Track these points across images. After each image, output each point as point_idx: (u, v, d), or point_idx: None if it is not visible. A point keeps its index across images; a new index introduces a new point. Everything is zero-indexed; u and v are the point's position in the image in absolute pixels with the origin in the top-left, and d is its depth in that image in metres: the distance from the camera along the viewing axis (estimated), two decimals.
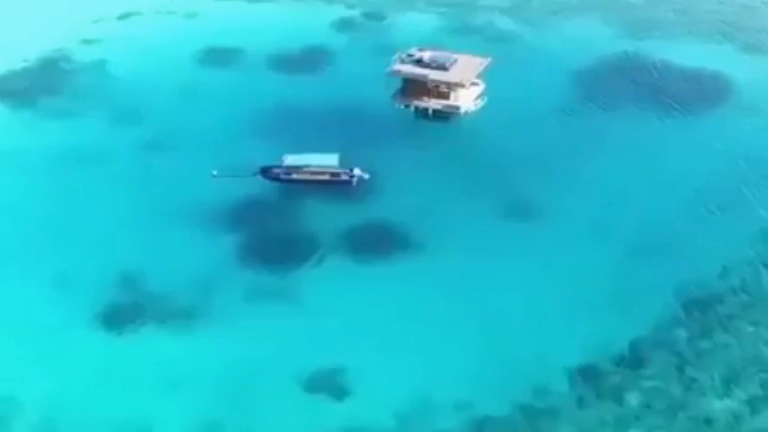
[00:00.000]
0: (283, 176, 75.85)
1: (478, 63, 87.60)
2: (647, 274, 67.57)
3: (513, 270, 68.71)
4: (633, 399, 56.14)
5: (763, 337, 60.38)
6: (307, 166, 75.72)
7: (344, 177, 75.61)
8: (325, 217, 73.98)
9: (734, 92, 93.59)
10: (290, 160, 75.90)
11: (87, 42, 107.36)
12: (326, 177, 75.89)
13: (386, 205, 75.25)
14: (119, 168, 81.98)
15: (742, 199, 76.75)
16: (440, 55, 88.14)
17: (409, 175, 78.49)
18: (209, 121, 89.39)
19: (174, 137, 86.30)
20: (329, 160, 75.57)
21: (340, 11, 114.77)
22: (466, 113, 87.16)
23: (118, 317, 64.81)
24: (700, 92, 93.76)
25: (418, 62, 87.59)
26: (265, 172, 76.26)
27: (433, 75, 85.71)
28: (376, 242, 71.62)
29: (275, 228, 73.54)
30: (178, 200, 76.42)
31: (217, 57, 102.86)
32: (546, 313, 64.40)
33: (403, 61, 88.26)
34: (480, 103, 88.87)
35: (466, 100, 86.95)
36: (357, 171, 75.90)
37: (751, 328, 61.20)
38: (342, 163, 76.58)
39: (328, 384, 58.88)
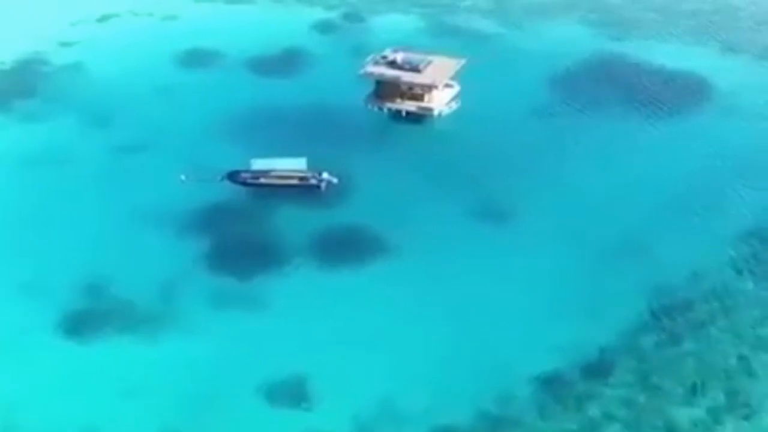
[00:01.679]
0: (250, 181, 74.20)
1: (453, 64, 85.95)
2: (619, 278, 65.84)
3: (483, 274, 67.05)
4: (596, 409, 54.51)
5: (731, 345, 58.63)
6: (275, 170, 73.92)
7: (312, 181, 73.95)
8: (292, 222, 72.40)
9: (714, 93, 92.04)
10: (258, 164, 74.26)
11: (64, 44, 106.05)
12: (294, 181, 74.17)
13: (355, 209, 73.67)
14: (89, 171, 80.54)
15: (720, 201, 74.98)
16: (414, 56, 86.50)
17: (380, 178, 76.87)
18: (183, 123, 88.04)
19: (147, 140, 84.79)
20: (297, 164, 73.99)
21: (319, 13, 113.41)
22: (439, 115, 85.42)
23: (80, 322, 63.27)
24: (680, 93, 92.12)
25: (392, 64, 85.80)
26: (233, 176, 74.58)
27: (406, 77, 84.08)
28: (344, 247, 70.09)
29: (242, 233, 71.97)
30: (147, 204, 74.79)
31: (195, 59, 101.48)
32: (514, 317, 62.74)
33: (376, 63, 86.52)
34: (455, 104, 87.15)
35: (440, 101, 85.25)
36: (325, 175, 74.26)
37: (719, 335, 59.57)
38: (311, 166, 74.82)
39: (291, 391, 57.28)
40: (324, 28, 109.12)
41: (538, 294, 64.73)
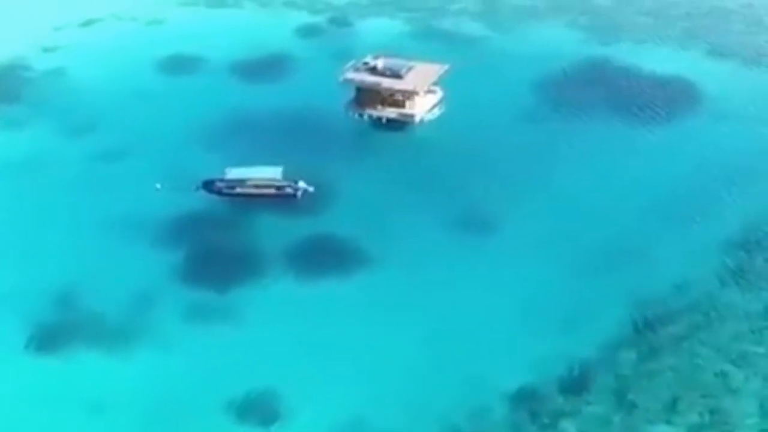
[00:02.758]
0: (225, 190, 72.71)
1: (435, 70, 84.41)
2: (601, 288, 64.10)
3: (462, 285, 65.22)
4: (572, 426, 52.86)
5: (712, 360, 56.92)
6: (250, 179, 72.47)
7: (288, 190, 72.43)
8: (268, 232, 70.86)
9: (705, 97, 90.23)
10: (232, 173, 72.79)
11: (47, 50, 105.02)
12: (270, 191, 72.67)
13: (333, 219, 72.11)
14: (65, 178, 79.01)
15: (709, 208, 73.05)
16: (395, 62, 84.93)
17: (358, 187, 75.34)
18: (163, 130, 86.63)
19: (126, 147, 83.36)
20: (272, 172, 72.51)
21: (304, 17, 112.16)
22: (421, 122, 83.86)
23: (49, 335, 61.60)
24: (670, 98, 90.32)
25: (372, 70, 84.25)
26: (208, 185, 73.12)
27: (386, 83, 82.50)
28: (320, 258, 68.51)
29: (217, 244, 70.41)
30: (122, 213, 73.18)
31: (177, 64, 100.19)
32: (492, 330, 60.94)
33: (357, 69, 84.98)
34: (438, 111, 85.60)
35: (422, 108, 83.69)
36: (301, 184, 72.78)
37: (701, 350, 57.79)
38: (288, 175, 73.35)
39: (263, 408, 55.69)
40: (309, 32, 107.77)
41: (518, 306, 63.01)
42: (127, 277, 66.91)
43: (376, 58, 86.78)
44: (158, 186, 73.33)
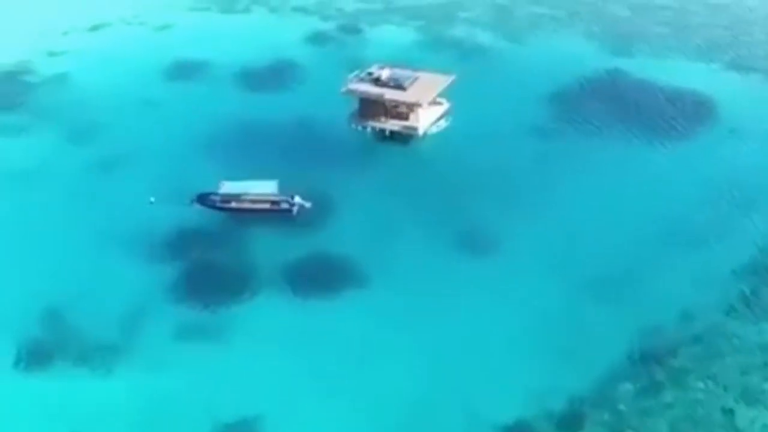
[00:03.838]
0: (219, 204, 70.63)
1: (441, 81, 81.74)
2: (602, 317, 61.31)
3: (460, 310, 62.77)
4: None
5: (715, 395, 53.94)
6: (245, 193, 70.35)
7: (284, 205, 70.20)
8: (262, 249, 68.65)
9: (722, 113, 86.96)
10: (227, 187, 70.68)
11: (53, 54, 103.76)
12: (266, 206, 70.49)
13: (329, 236, 69.79)
14: (61, 189, 77.34)
15: (722, 232, 69.88)
16: (399, 73, 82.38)
17: (357, 203, 72.98)
18: (163, 139, 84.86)
19: (124, 157, 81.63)
20: (268, 187, 70.32)
21: (314, 23, 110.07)
22: (425, 135, 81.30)
23: (34, 352, 59.96)
24: (686, 113, 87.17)
25: (376, 81, 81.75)
26: (203, 199, 71.06)
27: (389, 94, 79.98)
28: (315, 277, 66.15)
29: (209, 260, 68.26)
30: (114, 226, 71.40)
31: (183, 71, 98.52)
32: (488, 359, 58.53)
33: (361, 80, 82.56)
34: (443, 123, 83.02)
35: (426, 120, 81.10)
36: (298, 199, 70.51)
37: (702, 385, 54.84)
38: (285, 189, 71.12)
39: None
40: (318, 39, 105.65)
41: (515, 333, 60.44)
42: (117, 294, 65.09)
43: (381, 68, 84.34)
44: (152, 200, 71.45)
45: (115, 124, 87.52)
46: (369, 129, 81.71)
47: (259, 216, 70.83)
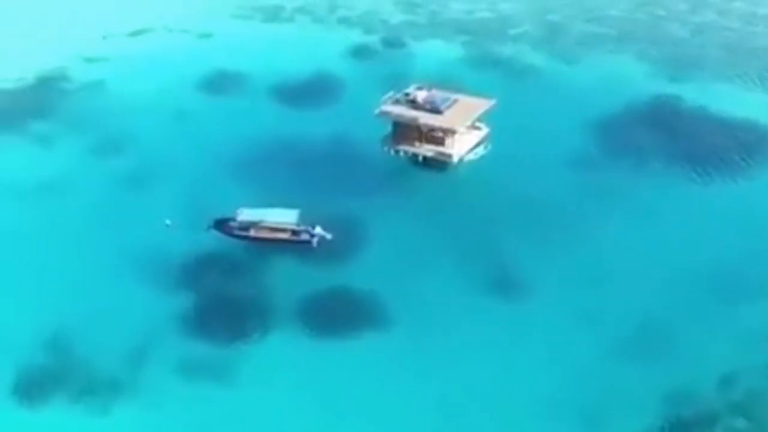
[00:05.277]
0: (237, 232, 65.82)
1: (480, 105, 75.72)
2: (632, 376, 54.95)
3: (483, 358, 57.26)
4: None
5: None
6: (263, 221, 65.44)
7: (304, 236, 65.09)
8: (279, 282, 63.72)
9: None
10: (245, 214, 65.85)
11: (90, 60, 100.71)
12: (285, 235, 65.49)
13: (352, 270, 64.55)
14: (82, 205, 73.68)
15: None
16: (437, 95, 76.57)
17: (383, 235, 67.58)
18: (190, 156, 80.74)
19: (149, 172, 77.75)
20: (288, 216, 65.34)
21: (357, 36, 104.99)
22: (461, 162, 75.37)
23: (32, 382, 56.36)
24: (742, 146, 79.21)
25: (412, 103, 76.06)
26: (220, 225, 66.37)
27: (424, 118, 74.25)
28: (333, 315, 61.00)
29: (223, 292, 63.52)
30: (129, 249, 67.20)
31: (220, 82, 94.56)
32: (506, 415, 53.02)
33: (397, 101, 76.97)
34: (481, 150, 77.01)
35: (463, 146, 75.17)
36: (319, 230, 65.33)
37: None
38: (307, 218, 66.05)
39: None
40: (360, 53, 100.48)
41: (538, 391, 54.58)
42: (124, 323, 61.11)
43: (419, 88, 78.63)
44: (168, 222, 67.00)
45: (144, 137, 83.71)
46: (402, 153, 75.94)
47: (277, 246, 65.78)
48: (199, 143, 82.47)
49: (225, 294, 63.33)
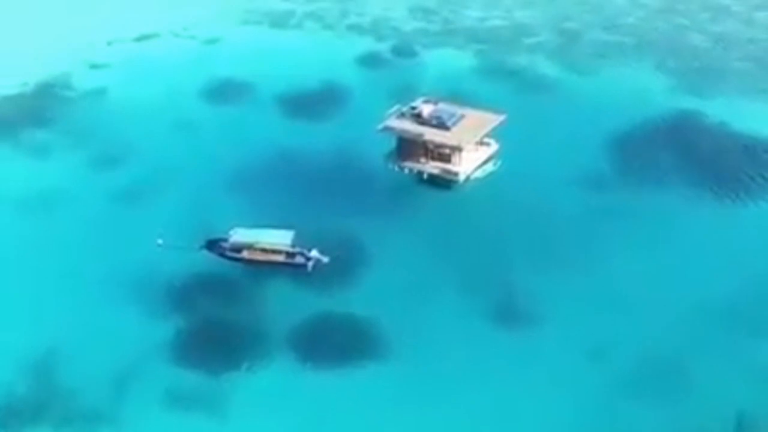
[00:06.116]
0: (229, 253, 62.03)
1: (489, 121, 71.47)
2: (640, 414, 50.84)
3: (484, 391, 53.24)
4: None
5: None
6: (257, 243, 61.60)
7: (299, 259, 61.19)
8: (273, 308, 59.88)
9: None
10: (238, 234, 62.04)
11: (94, 66, 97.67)
12: (280, 258, 61.62)
13: (351, 296, 60.54)
14: (73, 220, 70.14)
15: None
16: (444, 110, 72.40)
17: (383, 258, 63.55)
18: (190, 168, 77.21)
19: (146, 186, 74.19)
20: (282, 237, 61.49)
21: (367, 43, 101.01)
22: (468, 179, 71.14)
23: (9, 416, 52.89)
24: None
25: (418, 117, 71.91)
26: (212, 246, 62.61)
27: (429, 134, 70.06)
28: (329, 344, 57.12)
29: (213, 317, 59.76)
30: (119, 268, 63.61)
31: (225, 90, 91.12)
32: None
33: (402, 115, 72.85)
34: (490, 167, 72.77)
35: (471, 164, 70.94)
36: (314, 253, 61.41)
37: None
38: (303, 239, 62.17)
39: None
40: (369, 61, 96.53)
41: (542, 426, 50.75)
42: (110, 348, 57.50)
43: (426, 101, 74.44)
44: (160, 242, 63.24)
45: (143, 149, 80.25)
46: (407, 170, 71.79)
47: (271, 269, 61.90)
48: (198, 156, 78.94)
49: (215, 319, 59.63)
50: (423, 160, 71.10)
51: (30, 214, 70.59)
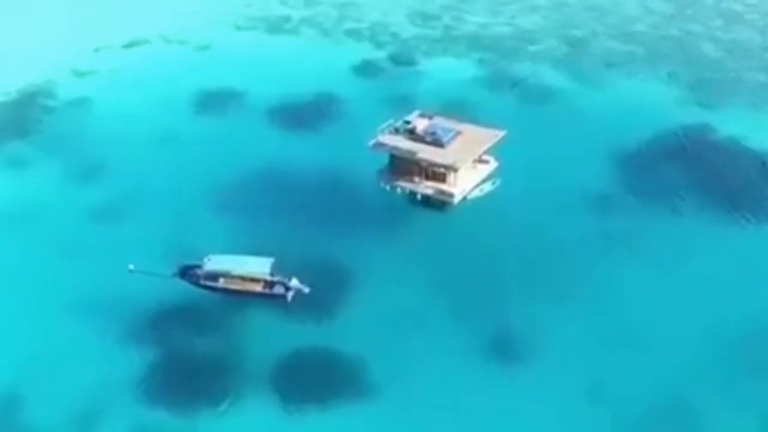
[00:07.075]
0: (203, 281, 57.09)
1: (487, 138, 66.40)
2: None
3: None
4: None
5: None
6: (233, 271, 56.64)
7: (278, 289, 56.21)
8: (249, 342, 55.22)
9: None
10: (213, 262, 57.08)
11: (79, 74, 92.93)
12: (257, 287, 56.64)
13: (334, 329, 55.93)
14: (44, 240, 65.71)
15: None
16: (440, 125, 67.33)
17: (370, 287, 58.63)
18: (171, 186, 72.34)
19: (124, 205, 69.58)
20: (260, 265, 56.51)
21: (365, 50, 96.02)
22: (465, 200, 65.99)
23: None
24: None
25: (412, 133, 66.81)
26: (186, 273, 57.68)
27: (422, 153, 64.93)
28: (309, 381, 52.57)
29: (185, 350, 55.08)
30: (89, 295, 59.06)
31: (214, 102, 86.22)
32: None
33: (396, 130, 67.77)
34: (488, 186, 67.64)
35: (467, 184, 65.80)
36: (295, 282, 56.40)
37: None
38: (283, 266, 57.19)
39: None
40: (366, 70, 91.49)
41: None
42: (74, 382, 53.34)
43: (421, 115, 69.37)
44: (131, 267, 58.28)
45: (124, 164, 75.72)
46: (399, 190, 66.68)
47: (249, 299, 56.94)
48: (180, 172, 74.11)
49: (187, 353, 54.98)
50: (416, 179, 66.09)
51: (4, 232, 65.82)
